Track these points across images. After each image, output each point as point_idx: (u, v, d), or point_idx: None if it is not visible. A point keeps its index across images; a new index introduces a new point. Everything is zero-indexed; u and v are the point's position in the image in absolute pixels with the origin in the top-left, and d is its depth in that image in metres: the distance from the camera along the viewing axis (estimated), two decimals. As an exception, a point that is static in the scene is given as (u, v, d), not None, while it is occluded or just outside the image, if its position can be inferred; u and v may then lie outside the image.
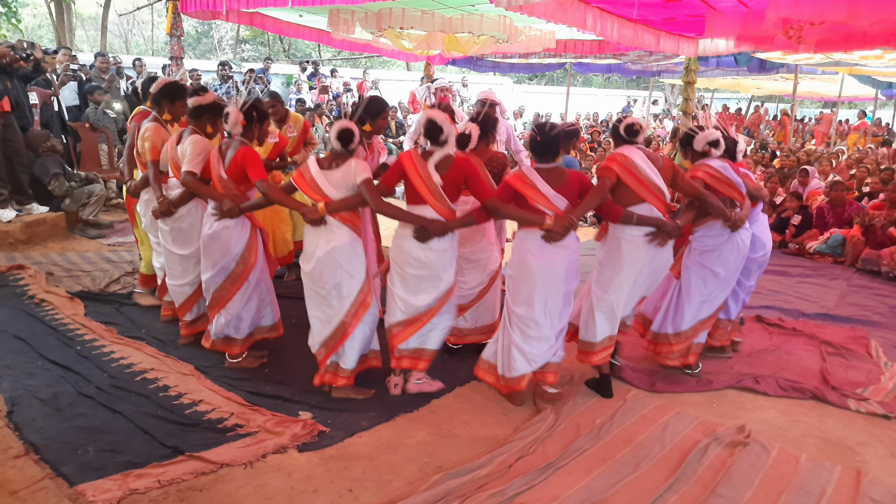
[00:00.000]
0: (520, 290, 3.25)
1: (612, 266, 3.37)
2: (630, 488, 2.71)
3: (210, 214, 3.57)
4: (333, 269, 3.22)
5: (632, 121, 3.38)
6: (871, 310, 5.21)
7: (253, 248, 3.60)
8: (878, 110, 17.29)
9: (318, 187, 3.20)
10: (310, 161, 3.28)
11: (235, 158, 3.47)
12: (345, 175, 3.19)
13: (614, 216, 3.27)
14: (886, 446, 3.14)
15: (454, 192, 3.24)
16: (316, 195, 3.21)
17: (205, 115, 3.73)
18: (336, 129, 3.19)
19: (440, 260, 3.25)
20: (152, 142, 3.90)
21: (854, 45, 6.45)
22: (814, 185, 7.90)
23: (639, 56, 10.52)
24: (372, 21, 6.56)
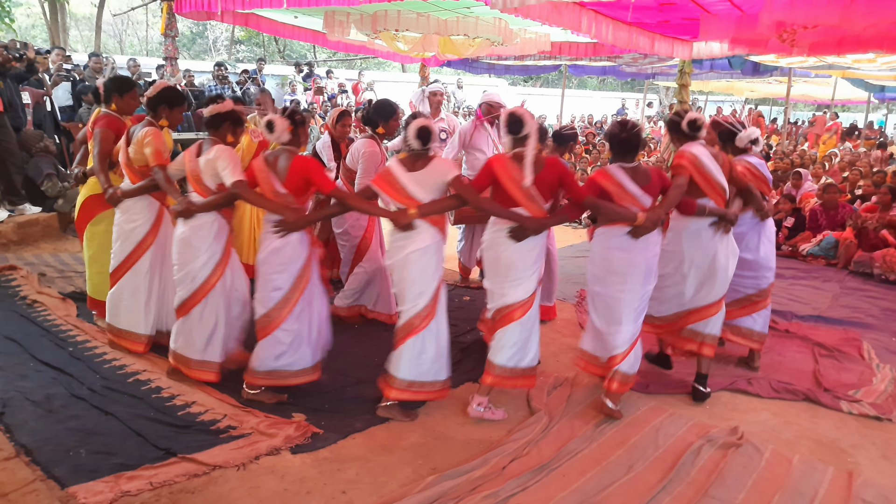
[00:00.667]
0: (606, 285, 3.28)
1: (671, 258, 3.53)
2: (623, 490, 2.71)
3: (271, 231, 3.20)
4: (413, 270, 3.13)
5: (694, 116, 3.48)
6: (864, 312, 5.24)
7: (310, 264, 3.31)
8: (870, 113, 17.39)
9: (406, 191, 3.10)
10: (392, 164, 3.17)
11: (294, 169, 3.15)
12: (432, 175, 3.11)
13: (689, 210, 3.42)
14: (878, 448, 3.16)
15: (548, 192, 3.17)
16: (404, 199, 3.11)
17: (225, 124, 3.39)
18: (414, 128, 3.09)
19: (525, 259, 3.18)
20: (155, 147, 3.57)
21: (847, 48, 6.49)
22: (807, 188, 7.94)
23: (633, 59, 10.56)
24: (367, 23, 6.56)
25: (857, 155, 11.80)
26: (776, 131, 17.52)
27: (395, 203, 3.14)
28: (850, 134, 16.49)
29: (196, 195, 3.37)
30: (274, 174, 3.18)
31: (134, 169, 3.68)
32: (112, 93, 3.96)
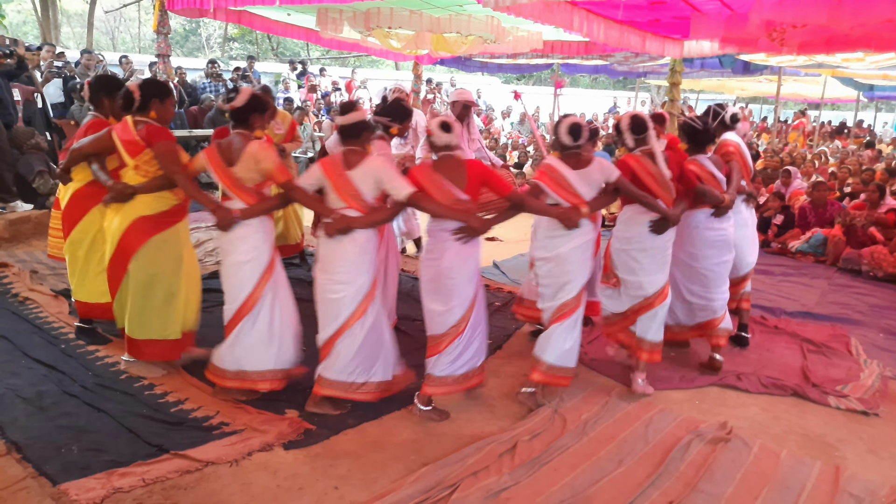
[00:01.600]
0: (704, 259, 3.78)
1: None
2: (613, 484, 2.74)
3: (454, 238, 3.06)
4: (572, 264, 3.32)
5: (734, 110, 4.07)
6: (852, 308, 5.29)
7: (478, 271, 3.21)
8: (859, 112, 17.52)
9: (574, 188, 3.21)
10: (555, 162, 3.24)
11: (473, 174, 3.06)
12: (595, 174, 3.26)
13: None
14: (865, 442, 3.20)
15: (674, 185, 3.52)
16: (572, 197, 3.22)
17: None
18: (566, 126, 3.20)
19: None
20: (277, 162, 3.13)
21: (836, 47, 6.54)
22: (796, 186, 8.00)
23: (625, 57, 10.59)
24: (360, 20, 6.56)
25: (847, 153, 11.89)
26: (766, 130, 17.62)
27: (562, 201, 3.25)
28: (840, 132, 16.63)
29: (352, 210, 3.05)
30: (449, 181, 3.05)
31: (247, 189, 3.14)
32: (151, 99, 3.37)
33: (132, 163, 3.33)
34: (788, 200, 7.72)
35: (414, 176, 3.08)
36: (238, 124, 3.21)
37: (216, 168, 3.16)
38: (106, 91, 3.79)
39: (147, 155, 3.31)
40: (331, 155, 3.20)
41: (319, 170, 3.08)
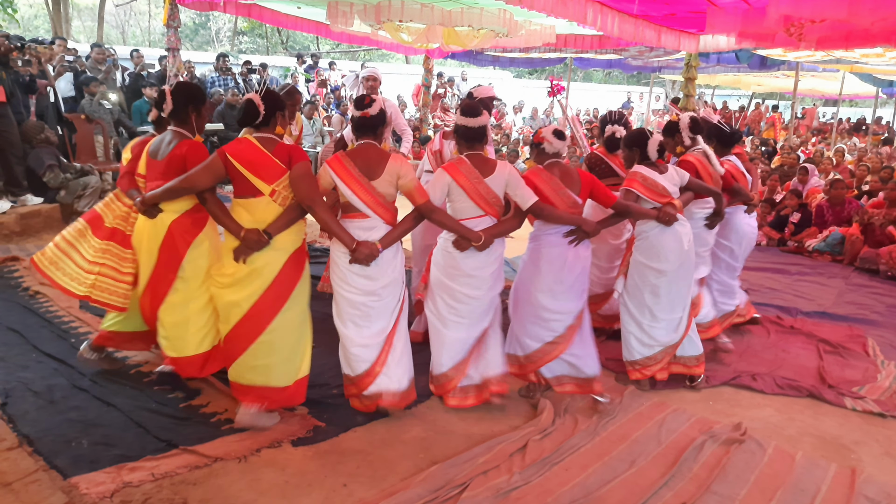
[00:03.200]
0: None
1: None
2: (625, 485, 2.71)
3: (567, 241, 3.16)
4: (691, 263, 3.52)
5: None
6: (869, 308, 5.21)
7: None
8: (878, 108, 17.25)
9: (665, 189, 3.40)
10: (644, 170, 3.41)
11: (586, 179, 3.22)
12: (675, 175, 3.49)
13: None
14: (882, 444, 3.14)
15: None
16: (663, 198, 3.38)
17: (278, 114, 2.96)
18: (657, 143, 3.41)
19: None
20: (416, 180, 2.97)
21: (855, 43, 6.43)
22: (813, 183, 7.89)
23: (639, 52, 10.49)
24: (371, 13, 6.52)
25: (864, 150, 11.72)
26: (783, 126, 17.42)
27: (652, 203, 3.39)
28: (858, 129, 16.40)
29: (488, 218, 3.05)
30: (567, 186, 3.13)
31: (388, 206, 2.93)
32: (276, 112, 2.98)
33: (268, 189, 2.78)
34: (805, 198, 7.62)
35: (533, 181, 3.10)
36: (365, 134, 2.96)
37: (353, 183, 2.83)
38: (195, 102, 3.11)
39: (286, 180, 2.81)
40: (454, 161, 3.04)
41: (448, 178, 2.97)
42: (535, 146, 3.21)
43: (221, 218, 2.85)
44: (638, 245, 3.49)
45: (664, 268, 3.41)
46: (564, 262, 3.16)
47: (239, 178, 2.81)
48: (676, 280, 3.45)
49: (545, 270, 3.17)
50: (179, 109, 3.03)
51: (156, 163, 3.03)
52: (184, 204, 3.03)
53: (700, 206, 3.78)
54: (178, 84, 3.10)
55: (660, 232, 3.40)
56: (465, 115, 3.05)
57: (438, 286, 3.16)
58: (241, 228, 2.78)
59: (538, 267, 3.18)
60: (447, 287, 3.12)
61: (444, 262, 3.12)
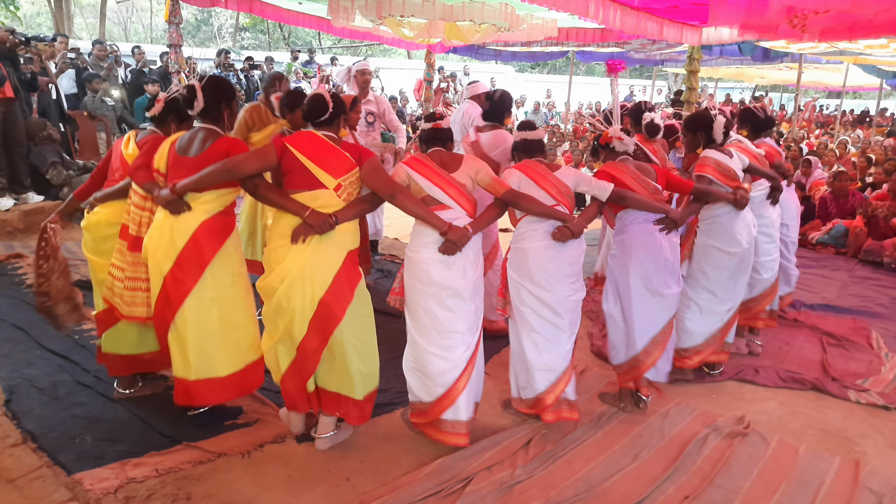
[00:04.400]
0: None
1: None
2: (629, 478, 2.71)
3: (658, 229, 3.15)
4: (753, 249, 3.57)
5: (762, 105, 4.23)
6: (873, 301, 5.19)
7: None
8: (882, 100, 17.16)
9: (735, 173, 3.44)
10: (715, 154, 3.41)
11: (660, 169, 3.27)
12: (738, 160, 3.52)
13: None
14: (886, 437, 3.14)
15: None
16: (733, 182, 3.43)
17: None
18: (722, 124, 3.43)
19: None
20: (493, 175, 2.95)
21: (859, 34, 6.37)
22: (817, 176, 7.86)
23: (642, 45, 10.44)
24: (372, 9, 6.50)
25: (868, 143, 11.66)
26: (786, 119, 17.34)
27: (725, 188, 3.40)
28: (862, 121, 16.31)
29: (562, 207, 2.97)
30: (644, 174, 3.16)
31: (470, 197, 2.86)
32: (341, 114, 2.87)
33: (334, 183, 2.66)
34: (809, 191, 7.59)
35: (610, 172, 3.11)
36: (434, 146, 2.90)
37: (433, 175, 2.77)
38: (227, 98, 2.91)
39: (354, 175, 2.71)
40: (527, 161, 3.01)
41: (522, 175, 2.93)
42: (605, 147, 3.23)
43: (278, 200, 2.66)
44: (707, 228, 3.51)
45: (735, 250, 3.45)
46: (659, 246, 3.15)
47: (299, 171, 2.66)
48: (743, 264, 3.52)
49: (641, 258, 3.14)
50: (211, 106, 2.82)
51: (186, 160, 2.76)
52: (216, 203, 2.78)
53: (756, 188, 3.82)
54: (210, 79, 2.87)
55: (733, 216, 3.45)
56: (524, 130, 3.08)
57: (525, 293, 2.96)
58: (307, 207, 2.61)
59: (631, 256, 3.16)
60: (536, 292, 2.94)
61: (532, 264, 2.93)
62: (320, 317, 2.64)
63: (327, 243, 2.65)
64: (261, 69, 11.48)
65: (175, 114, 3.07)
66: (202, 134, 2.81)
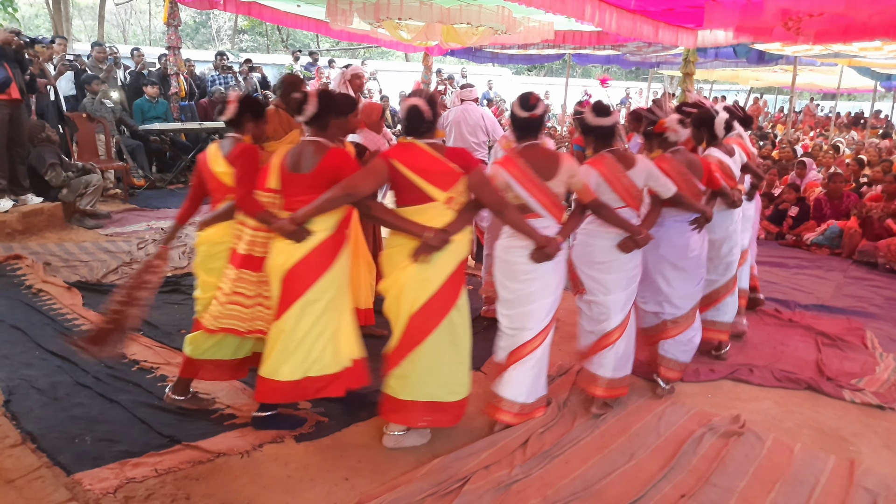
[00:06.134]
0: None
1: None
2: (625, 478, 2.72)
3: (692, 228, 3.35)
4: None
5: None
6: (867, 301, 5.23)
7: None
8: (876, 102, 17.23)
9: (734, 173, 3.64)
10: (718, 153, 3.56)
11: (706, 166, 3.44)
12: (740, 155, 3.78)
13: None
14: (880, 436, 3.16)
15: None
16: (732, 181, 3.60)
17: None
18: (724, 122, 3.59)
19: None
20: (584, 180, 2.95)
21: (853, 36, 6.43)
22: (811, 177, 7.90)
23: (637, 47, 10.50)
24: (370, 11, 6.54)
25: (862, 144, 11.71)
26: (781, 120, 17.40)
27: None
28: (856, 123, 16.38)
29: (629, 209, 3.04)
30: (692, 169, 3.30)
31: (561, 206, 2.91)
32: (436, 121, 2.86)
33: (444, 196, 2.65)
34: (804, 192, 7.63)
35: (663, 169, 3.14)
36: (529, 135, 2.90)
37: (530, 185, 2.79)
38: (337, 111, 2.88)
39: (462, 185, 2.69)
40: (596, 157, 3.04)
41: (600, 177, 2.98)
42: (658, 136, 3.29)
43: (395, 221, 2.67)
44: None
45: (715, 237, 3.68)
46: (686, 246, 3.32)
47: (406, 187, 2.64)
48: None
49: (667, 255, 3.31)
50: (321, 116, 2.74)
51: (299, 177, 2.71)
52: (333, 221, 2.73)
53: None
54: (322, 90, 2.80)
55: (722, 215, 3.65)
56: (599, 115, 3.03)
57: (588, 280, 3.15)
58: (426, 227, 2.61)
59: (657, 252, 3.29)
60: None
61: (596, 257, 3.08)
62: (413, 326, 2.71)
63: (441, 255, 2.67)
64: (259, 71, 11.49)
65: (250, 113, 2.98)
66: (311, 148, 2.74)
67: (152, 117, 8.74)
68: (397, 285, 2.70)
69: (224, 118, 2.98)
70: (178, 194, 8.30)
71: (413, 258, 2.64)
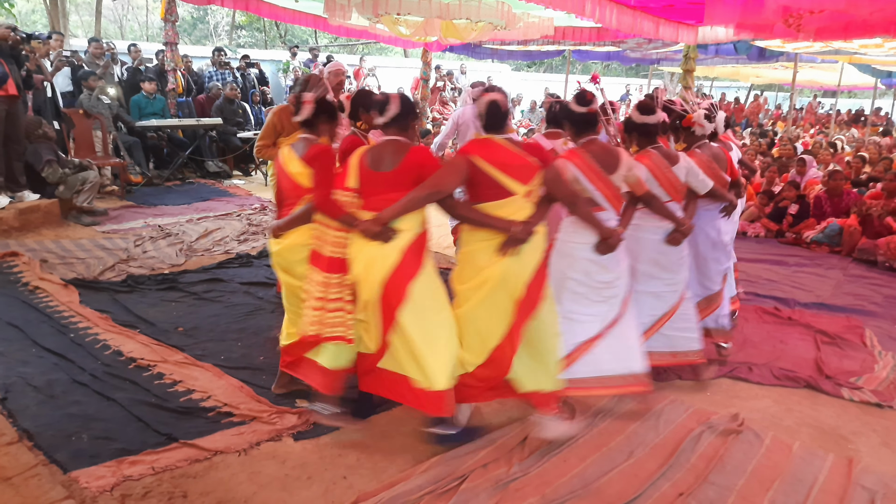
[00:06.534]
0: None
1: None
2: (624, 476, 2.72)
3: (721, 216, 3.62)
4: None
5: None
6: (867, 299, 5.22)
7: None
8: (877, 99, 17.22)
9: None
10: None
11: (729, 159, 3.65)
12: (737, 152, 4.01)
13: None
14: (879, 435, 3.16)
15: None
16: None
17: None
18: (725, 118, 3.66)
19: None
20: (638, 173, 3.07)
21: (854, 33, 6.40)
22: (811, 175, 7.89)
23: (638, 44, 10.46)
24: (368, 7, 6.50)
25: (862, 142, 11.70)
26: (781, 117, 17.39)
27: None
28: (856, 121, 16.36)
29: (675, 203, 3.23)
30: (718, 163, 3.47)
31: (621, 199, 3.03)
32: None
33: (524, 190, 2.70)
34: (804, 190, 7.62)
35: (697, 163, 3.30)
36: (587, 131, 2.99)
37: (596, 179, 2.90)
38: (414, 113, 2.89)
39: (540, 177, 2.74)
40: (644, 153, 3.15)
41: (649, 172, 3.11)
42: (685, 130, 3.41)
43: (481, 218, 2.68)
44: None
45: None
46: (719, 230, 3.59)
47: (486, 182, 2.66)
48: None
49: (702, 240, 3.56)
50: (402, 117, 2.75)
51: (381, 175, 2.70)
52: (418, 219, 2.74)
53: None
54: (402, 95, 2.84)
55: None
56: (644, 114, 3.19)
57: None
58: (511, 222, 2.64)
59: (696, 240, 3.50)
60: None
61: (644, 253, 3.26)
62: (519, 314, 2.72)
63: (527, 248, 2.69)
64: (257, 67, 11.44)
65: (326, 114, 2.98)
66: (392, 146, 2.74)
67: (149, 114, 8.71)
68: (492, 280, 2.69)
69: (299, 119, 2.94)
70: (175, 191, 8.27)
71: (501, 253, 2.65)
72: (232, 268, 5.32)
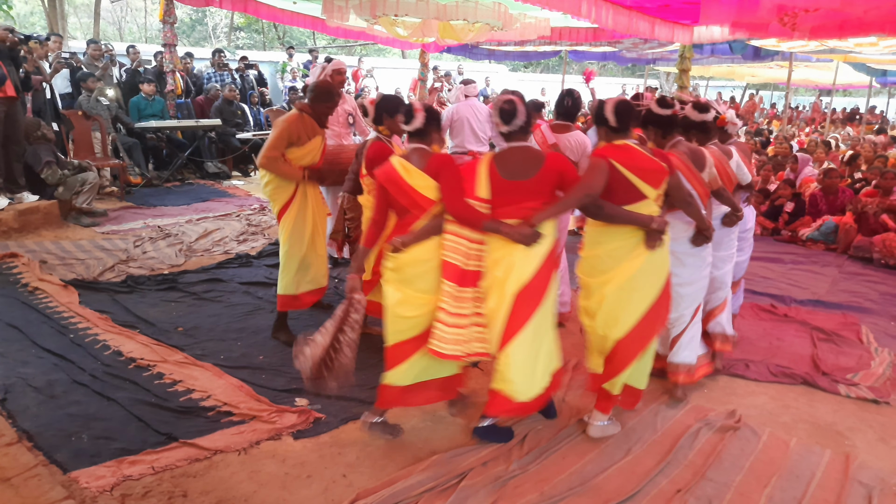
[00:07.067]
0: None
1: None
2: (622, 473, 2.73)
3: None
4: None
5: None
6: (863, 296, 5.24)
7: None
8: (872, 98, 17.27)
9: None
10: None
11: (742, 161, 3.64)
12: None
13: None
14: (876, 431, 3.17)
15: None
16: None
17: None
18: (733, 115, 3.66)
19: None
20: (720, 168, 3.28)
21: (849, 32, 6.44)
22: (807, 173, 7.91)
23: (634, 44, 10.50)
24: (366, 8, 6.52)
25: (857, 140, 11.74)
26: (777, 116, 17.42)
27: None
28: (851, 119, 16.40)
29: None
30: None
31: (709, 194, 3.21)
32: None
33: (655, 193, 2.76)
34: (799, 188, 7.64)
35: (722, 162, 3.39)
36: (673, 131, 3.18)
37: (692, 177, 3.05)
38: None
39: (667, 181, 2.81)
40: (672, 153, 3.10)
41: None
42: (719, 129, 3.51)
43: (626, 215, 2.74)
44: None
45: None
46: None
47: (622, 185, 2.70)
48: None
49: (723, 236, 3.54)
50: (528, 124, 2.75)
51: (518, 184, 2.67)
52: (554, 225, 2.74)
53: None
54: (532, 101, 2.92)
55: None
56: (701, 112, 3.29)
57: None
58: (651, 217, 2.72)
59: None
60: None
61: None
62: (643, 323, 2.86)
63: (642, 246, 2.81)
64: (256, 68, 11.45)
65: (436, 123, 2.88)
66: (524, 154, 2.72)
67: (148, 115, 8.72)
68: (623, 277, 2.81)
69: (411, 128, 2.84)
70: (174, 192, 8.28)
71: (648, 247, 2.76)
72: (231, 268, 5.33)
